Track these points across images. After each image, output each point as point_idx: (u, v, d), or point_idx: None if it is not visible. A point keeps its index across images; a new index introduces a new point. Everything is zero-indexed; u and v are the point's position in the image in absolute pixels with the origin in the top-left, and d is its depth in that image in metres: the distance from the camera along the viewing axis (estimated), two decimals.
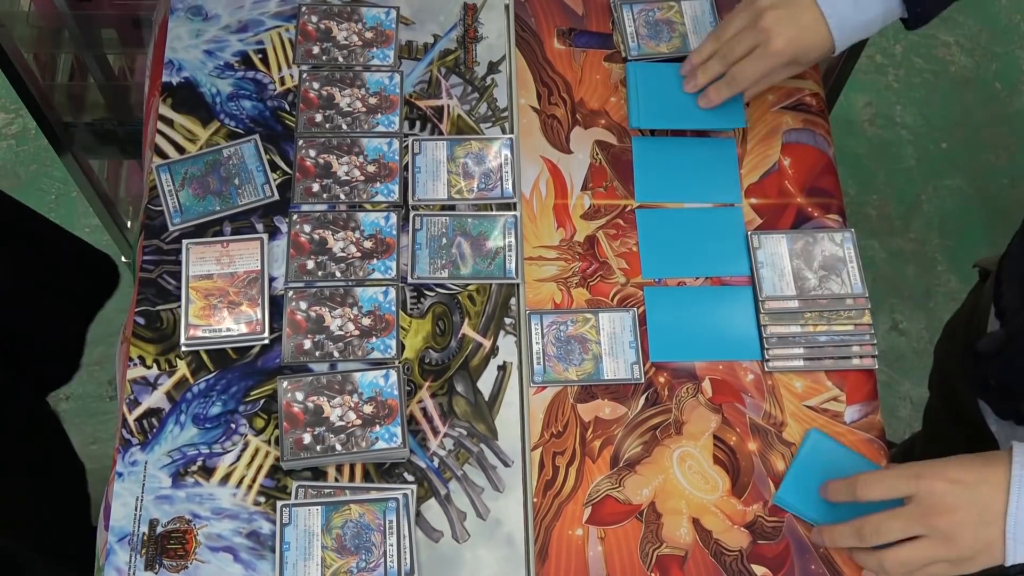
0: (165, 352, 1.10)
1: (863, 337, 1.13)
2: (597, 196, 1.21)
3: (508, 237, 1.17)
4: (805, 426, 1.10)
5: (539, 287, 1.15)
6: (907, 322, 2.16)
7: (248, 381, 1.09)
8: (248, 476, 1.05)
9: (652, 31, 1.29)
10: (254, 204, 1.17)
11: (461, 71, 1.27)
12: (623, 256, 1.18)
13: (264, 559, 1.01)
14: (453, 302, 1.14)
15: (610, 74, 1.28)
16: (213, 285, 1.12)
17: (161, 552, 1.01)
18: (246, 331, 1.10)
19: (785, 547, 1.04)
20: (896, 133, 2.36)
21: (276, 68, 1.25)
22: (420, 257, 1.15)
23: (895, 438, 1.92)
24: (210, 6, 1.29)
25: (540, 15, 1.31)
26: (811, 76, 1.29)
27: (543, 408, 1.09)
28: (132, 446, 1.05)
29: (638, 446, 1.08)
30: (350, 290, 1.12)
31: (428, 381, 1.10)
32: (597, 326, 1.13)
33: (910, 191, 2.30)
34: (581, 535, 1.04)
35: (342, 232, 1.15)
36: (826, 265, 1.16)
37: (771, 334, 1.13)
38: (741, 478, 1.07)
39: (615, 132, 1.24)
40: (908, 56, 2.44)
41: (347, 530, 1.00)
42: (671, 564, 1.03)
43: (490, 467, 1.06)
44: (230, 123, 1.22)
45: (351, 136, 1.21)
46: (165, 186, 1.18)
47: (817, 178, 1.23)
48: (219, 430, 1.06)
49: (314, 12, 1.28)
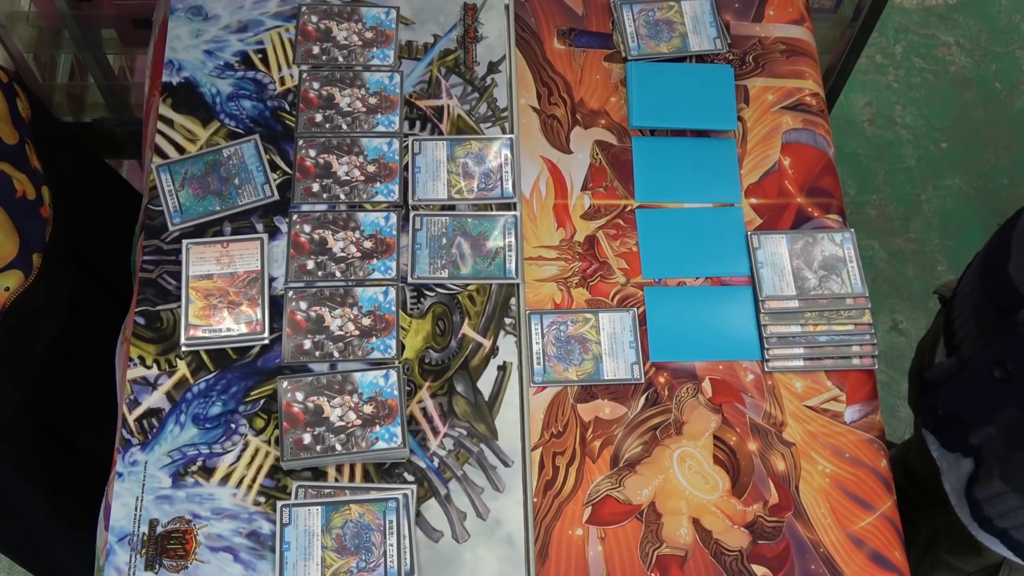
0: (165, 352, 1.10)
1: (863, 337, 1.13)
2: (597, 196, 1.21)
3: (508, 237, 1.17)
4: (805, 426, 1.10)
5: (539, 287, 1.15)
6: (907, 322, 2.16)
7: (248, 381, 1.09)
8: (248, 476, 1.05)
9: (652, 31, 1.29)
10: (254, 204, 1.17)
11: (461, 71, 1.27)
12: (623, 256, 1.18)
13: (264, 559, 1.01)
14: (453, 302, 1.14)
15: (610, 74, 1.28)
16: (213, 285, 1.12)
17: (161, 552, 1.01)
18: (246, 331, 1.10)
19: (785, 547, 1.04)
20: (896, 133, 2.36)
21: (276, 68, 1.25)
22: (420, 257, 1.15)
23: (895, 438, 1.92)
24: (210, 6, 1.28)
25: (540, 15, 1.31)
26: (811, 76, 1.29)
27: (543, 408, 1.09)
28: (132, 446, 1.05)
29: (638, 446, 1.08)
30: (350, 290, 1.12)
31: (428, 381, 1.10)
32: (597, 326, 1.13)
33: (910, 191, 2.30)
34: (581, 535, 1.04)
35: (342, 232, 1.15)
36: (826, 265, 1.16)
37: (771, 334, 1.13)
38: (741, 478, 1.07)
39: (615, 132, 1.24)
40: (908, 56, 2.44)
41: (347, 530, 1.00)
42: (671, 564, 1.03)
43: (490, 467, 1.06)
44: (230, 123, 1.22)
45: (351, 136, 1.21)
46: (165, 186, 1.18)
47: (817, 178, 1.23)
48: (219, 430, 1.06)
49: (314, 12, 1.28)
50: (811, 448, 1.09)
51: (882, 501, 1.07)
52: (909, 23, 2.44)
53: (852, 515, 1.06)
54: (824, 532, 1.06)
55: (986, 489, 1.08)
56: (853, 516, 1.06)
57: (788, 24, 1.32)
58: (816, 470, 1.08)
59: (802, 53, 1.31)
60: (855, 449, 1.09)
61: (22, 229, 1.12)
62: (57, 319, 1.23)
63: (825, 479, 1.08)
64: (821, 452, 1.09)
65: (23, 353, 1.19)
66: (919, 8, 2.46)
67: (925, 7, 2.46)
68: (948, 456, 1.15)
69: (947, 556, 1.37)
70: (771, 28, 1.32)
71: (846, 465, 1.09)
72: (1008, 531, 1.08)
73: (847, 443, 1.10)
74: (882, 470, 1.09)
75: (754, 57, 1.30)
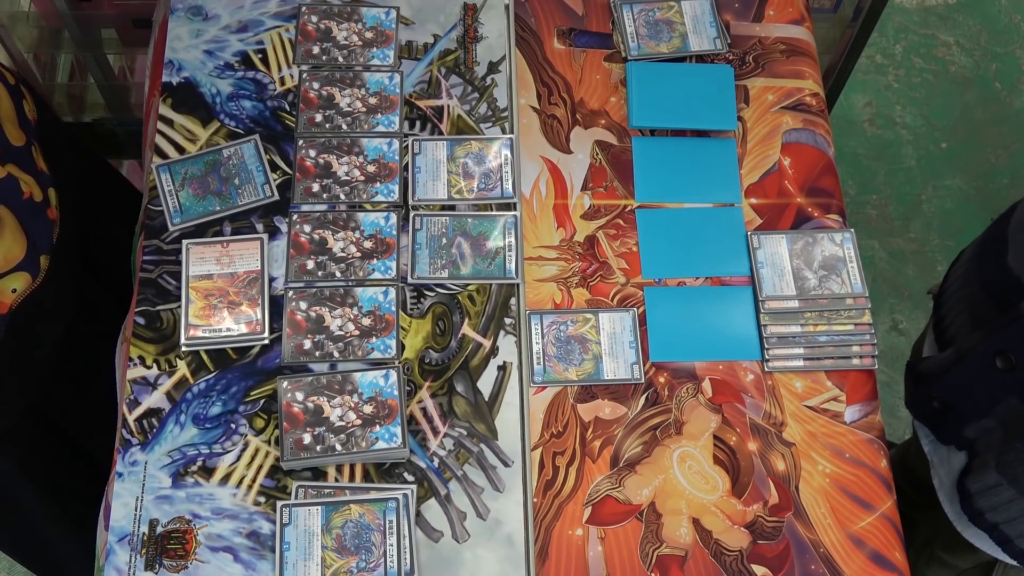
0: (165, 352, 1.10)
1: (863, 337, 1.13)
2: (597, 196, 1.21)
3: (508, 237, 1.17)
4: (805, 426, 1.10)
5: (539, 287, 1.15)
6: (907, 322, 2.16)
7: (248, 381, 1.09)
8: (248, 476, 1.05)
9: (652, 31, 1.29)
10: (254, 204, 1.17)
11: (461, 71, 1.27)
12: (623, 256, 1.18)
13: (264, 559, 1.01)
14: (453, 302, 1.14)
15: (610, 74, 1.28)
16: (213, 285, 1.12)
17: (161, 552, 1.01)
18: (246, 331, 1.10)
19: (785, 547, 1.04)
20: (896, 133, 2.36)
21: (276, 68, 1.25)
22: (420, 257, 1.15)
23: (895, 438, 1.92)
24: (210, 6, 1.28)
25: (540, 15, 1.31)
26: (811, 76, 1.29)
27: (543, 408, 1.09)
28: (132, 446, 1.05)
29: (638, 446, 1.08)
30: (350, 290, 1.12)
31: (428, 381, 1.10)
32: (597, 326, 1.13)
33: (910, 191, 2.30)
34: (581, 535, 1.04)
35: (342, 232, 1.15)
36: (826, 265, 1.16)
37: (771, 334, 1.13)
38: (741, 478, 1.07)
39: (615, 132, 1.24)
40: (908, 56, 2.44)
41: (347, 530, 1.00)
42: (671, 564, 1.03)
43: (490, 467, 1.06)
44: (230, 123, 1.22)
45: (351, 136, 1.21)
46: (165, 186, 1.18)
47: (817, 178, 1.23)
48: (219, 430, 1.06)
49: (314, 12, 1.28)
50: (811, 448, 1.09)
51: (882, 501, 1.08)
52: (909, 23, 2.44)
53: (852, 515, 1.07)
54: (824, 532, 1.06)
55: (980, 481, 1.09)
56: (853, 516, 1.06)
57: (788, 24, 1.32)
58: (816, 470, 1.08)
59: (802, 53, 1.31)
60: (855, 449, 1.09)
61: (29, 231, 1.12)
62: (63, 320, 1.23)
63: (825, 479, 1.08)
64: (821, 452, 1.09)
65: (29, 354, 1.19)
66: (919, 8, 2.46)
67: (925, 7, 2.46)
68: (940, 450, 1.15)
69: (942, 553, 1.37)
70: (771, 28, 1.32)
71: (846, 465, 1.09)
72: (999, 525, 1.08)
73: (847, 443, 1.10)
74: (882, 470, 1.09)
75: (754, 57, 1.30)
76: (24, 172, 1.13)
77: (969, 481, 1.10)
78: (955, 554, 1.34)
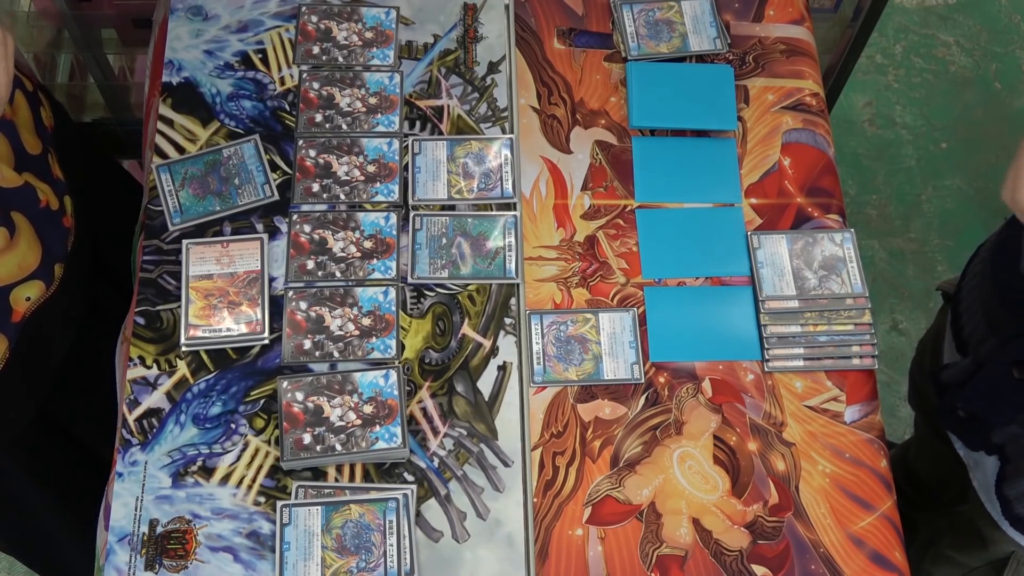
0: (165, 352, 1.10)
1: (863, 337, 1.13)
2: (597, 196, 1.21)
3: (508, 237, 1.17)
4: (805, 426, 1.10)
5: (539, 287, 1.15)
6: (907, 322, 2.16)
7: (248, 381, 1.09)
8: (248, 476, 1.05)
9: (652, 31, 1.29)
10: (254, 204, 1.17)
11: (461, 71, 1.27)
12: (623, 256, 1.18)
13: (264, 559, 1.01)
14: (453, 302, 1.14)
15: (610, 74, 1.28)
16: (213, 285, 1.12)
17: (161, 552, 1.01)
18: (246, 331, 1.10)
19: (785, 547, 1.04)
20: (896, 133, 2.36)
21: (276, 68, 1.25)
22: (420, 257, 1.15)
23: (895, 438, 1.92)
24: (210, 6, 1.28)
25: (540, 15, 1.31)
26: (811, 76, 1.29)
27: (543, 408, 1.09)
28: (132, 446, 1.05)
29: (638, 446, 1.08)
30: (350, 290, 1.12)
31: (428, 381, 1.10)
32: (597, 326, 1.13)
33: (910, 191, 2.30)
34: (581, 535, 1.04)
35: (342, 232, 1.15)
36: (826, 265, 1.16)
37: (771, 334, 1.13)
38: (741, 478, 1.07)
39: (615, 132, 1.24)
40: (908, 56, 2.43)
41: (347, 530, 1.00)
42: (671, 564, 1.03)
43: (490, 467, 1.06)
44: (230, 123, 1.22)
45: (351, 136, 1.21)
46: (165, 186, 1.18)
47: (817, 178, 1.23)
48: (219, 430, 1.06)
49: (314, 12, 1.28)
50: (811, 448, 1.09)
51: (882, 501, 1.07)
52: (909, 23, 2.43)
53: (852, 515, 1.07)
54: (824, 532, 1.06)
55: (1015, 488, 1.09)
56: (853, 516, 1.06)
57: (788, 24, 1.32)
58: (816, 470, 1.08)
59: (802, 53, 1.31)
60: (855, 449, 1.09)
61: (45, 239, 1.12)
62: (75, 328, 1.23)
63: (825, 479, 1.08)
64: (821, 452, 1.09)
65: (42, 362, 1.18)
66: (919, 8, 2.46)
67: (925, 7, 2.46)
68: (972, 455, 1.15)
69: (951, 551, 1.37)
70: (771, 28, 1.32)
71: (846, 465, 1.09)
72: None
73: (847, 443, 1.10)
74: (882, 470, 1.09)
75: (754, 57, 1.30)
76: (41, 180, 1.13)
77: (1006, 488, 1.10)
78: (965, 552, 1.34)
